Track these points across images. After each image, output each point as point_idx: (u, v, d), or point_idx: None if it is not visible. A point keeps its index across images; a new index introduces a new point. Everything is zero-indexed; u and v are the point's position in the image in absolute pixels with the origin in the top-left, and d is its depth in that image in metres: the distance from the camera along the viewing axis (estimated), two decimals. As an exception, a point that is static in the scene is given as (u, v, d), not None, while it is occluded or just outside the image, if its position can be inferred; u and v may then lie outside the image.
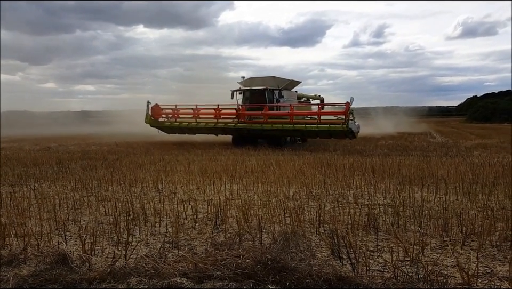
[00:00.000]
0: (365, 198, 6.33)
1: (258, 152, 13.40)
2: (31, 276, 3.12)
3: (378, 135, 23.68)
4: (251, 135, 17.09)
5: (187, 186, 7.46)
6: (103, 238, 4.46)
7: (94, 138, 20.10)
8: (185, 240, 4.43)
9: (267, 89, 17.55)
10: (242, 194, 6.60)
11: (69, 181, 8.28)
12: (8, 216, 5.35)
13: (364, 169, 8.67)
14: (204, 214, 5.43)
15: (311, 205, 5.79)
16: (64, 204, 6.04)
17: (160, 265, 3.44)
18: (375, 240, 4.32)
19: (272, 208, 5.38)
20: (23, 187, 7.67)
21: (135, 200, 6.25)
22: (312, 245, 4.10)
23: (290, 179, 7.47)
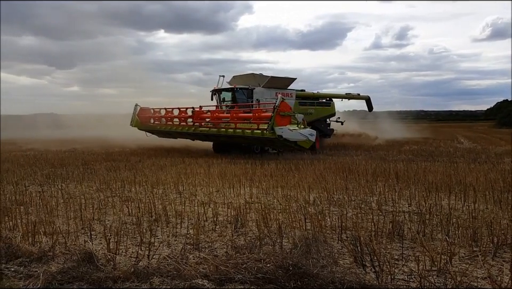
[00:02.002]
0: (388, 204, 6.19)
1: (277, 156, 13.37)
2: (59, 273, 3.20)
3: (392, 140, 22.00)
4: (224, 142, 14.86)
5: (207, 189, 7.52)
6: (127, 237, 4.54)
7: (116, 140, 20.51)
8: (205, 242, 4.45)
9: (235, 89, 15.52)
10: (261, 198, 6.58)
11: (94, 181, 8.49)
12: (38, 215, 5.53)
13: (388, 174, 8.50)
14: (223, 217, 5.45)
15: (333, 211, 5.72)
16: (90, 204, 6.19)
17: (182, 266, 3.46)
18: (400, 248, 4.21)
19: (292, 212, 5.34)
20: (51, 187, 7.91)
21: (157, 201, 6.34)
22: (334, 252, 4.04)
23: (311, 184, 7.40)
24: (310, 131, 12.67)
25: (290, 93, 16.79)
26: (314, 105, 17.75)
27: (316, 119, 17.58)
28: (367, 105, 20.68)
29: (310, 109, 17.48)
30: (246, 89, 15.48)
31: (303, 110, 16.71)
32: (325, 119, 18.37)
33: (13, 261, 3.71)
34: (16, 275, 3.40)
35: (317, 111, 17.71)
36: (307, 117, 16.58)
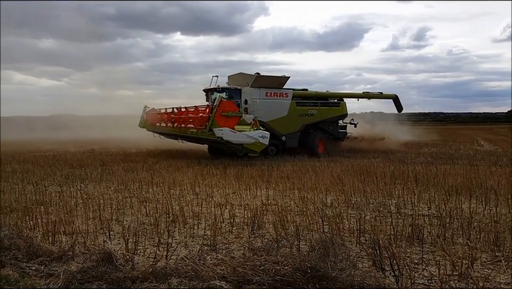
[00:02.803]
0: (407, 207, 6.08)
1: (293, 158, 13.30)
2: (79, 272, 3.25)
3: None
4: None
5: (223, 190, 7.53)
6: (145, 238, 4.58)
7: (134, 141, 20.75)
8: (222, 244, 4.45)
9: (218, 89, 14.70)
10: (278, 200, 6.55)
11: (112, 182, 8.62)
12: (57, 214, 5.64)
13: (406, 177, 8.35)
14: (240, 218, 5.44)
15: (351, 214, 5.64)
16: (108, 204, 6.27)
17: (199, 267, 3.47)
18: (420, 252, 4.12)
19: (309, 215, 5.30)
20: (70, 187, 8.06)
21: (174, 202, 6.39)
22: (353, 255, 3.98)
23: (328, 187, 7.33)
24: (262, 134, 11.75)
25: (285, 92, 15.46)
26: (317, 105, 16.01)
27: (320, 120, 16.03)
28: (396, 105, 18.23)
29: (312, 110, 15.81)
30: (227, 89, 14.55)
31: (302, 111, 15.60)
32: (334, 120, 16.60)
33: (34, 259, 3.78)
34: (37, 274, 3.47)
35: (321, 112, 16.01)
36: (308, 118, 15.62)
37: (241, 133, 11.50)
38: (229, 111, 11.60)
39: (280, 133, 15.01)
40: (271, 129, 14.67)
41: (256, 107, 14.44)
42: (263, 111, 14.56)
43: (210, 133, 11.31)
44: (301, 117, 15.53)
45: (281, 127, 15.03)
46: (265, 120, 14.63)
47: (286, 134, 15.16)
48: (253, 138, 11.54)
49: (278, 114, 15.02)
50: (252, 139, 11.54)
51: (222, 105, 11.50)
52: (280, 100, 15.24)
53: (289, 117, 15.21)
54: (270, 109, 14.82)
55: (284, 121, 15.08)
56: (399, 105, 18.12)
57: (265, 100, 14.78)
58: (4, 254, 3.84)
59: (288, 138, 15.20)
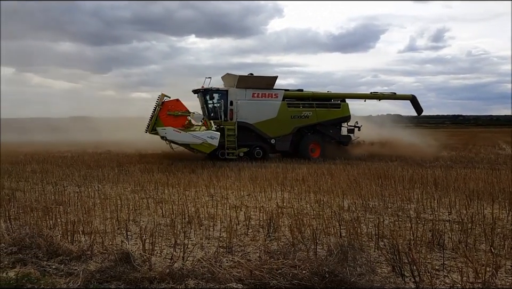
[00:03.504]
0: (427, 212, 5.95)
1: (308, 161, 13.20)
2: (97, 272, 3.28)
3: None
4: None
5: (238, 192, 7.52)
6: (161, 238, 4.59)
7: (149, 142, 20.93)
8: (238, 246, 4.43)
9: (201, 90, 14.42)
10: (294, 203, 6.50)
11: (129, 183, 8.71)
12: (76, 214, 5.72)
13: (425, 181, 8.18)
14: (255, 221, 5.41)
15: (368, 218, 5.55)
16: (125, 205, 6.33)
17: (216, 269, 3.45)
18: (441, 258, 4.02)
19: (326, 219, 5.23)
20: (88, 187, 8.18)
21: (190, 204, 6.40)
22: (371, 260, 3.90)
23: (345, 190, 7.23)
24: (211, 134, 11.24)
25: (274, 93, 14.56)
26: (313, 107, 14.81)
27: (316, 123, 14.84)
28: (414, 107, 16.34)
29: (306, 112, 14.70)
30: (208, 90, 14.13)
31: (294, 113, 14.64)
32: (334, 123, 15.23)
33: (54, 258, 3.84)
34: (57, 272, 3.51)
35: (317, 114, 14.75)
36: (302, 121, 14.66)
37: (187, 133, 11.21)
38: (175, 110, 11.35)
39: (269, 136, 14.33)
40: (258, 132, 14.23)
41: (239, 109, 14.02)
42: (248, 113, 14.09)
43: (154, 132, 11.14)
44: (293, 119, 14.59)
45: (270, 130, 14.32)
46: (251, 122, 14.17)
47: (276, 136, 14.41)
48: (200, 139, 11.14)
49: (266, 116, 14.32)
50: (199, 140, 11.15)
51: (167, 105, 11.27)
52: (269, 101, 14.44)
53: (279, 118, 14.42)
54: (256, 110, 14.21)
55: (272, 123, 14.33)
56: (418, 106, 16.32)
57: (251, 101, 14.21)
58: (25, 252, 3.91)
59: (278, 141, 14.48)
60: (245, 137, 14.19)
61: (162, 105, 11.16)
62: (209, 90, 14.13)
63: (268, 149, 14.41)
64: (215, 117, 14.03)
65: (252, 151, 14.13)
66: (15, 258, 3.71)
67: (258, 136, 14.35)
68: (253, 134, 14.30)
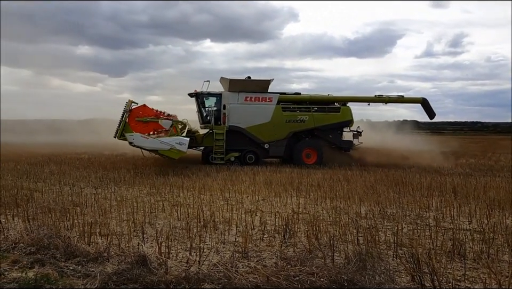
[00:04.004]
0: (446, 221, 5.80)
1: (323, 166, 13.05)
2: (114, 274, 3.28)
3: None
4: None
5: (253, 197, 7.48)
6: (177, 242, 4.59)
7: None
8: (254, 251, 4.39)
9: (193, 94, 14.29)
10: (309, 209, 6.43)
11: (144, 185, 8.77)
12: (93, 216, 5.77)
13: (444, 189, 8.00)
14: (271, 226, 5.36)
15: (386, 225, 5.44)
16: (141, 207, 6.37)
17: (232, 274, 3.42)
18: (462, 268, 3.90)
19: (343, 225, 5.15)
20: (104, 189, 8.26)
21: (205, 207, 6.40)
22: (390, 269, 3.81)
23: (361, 196, 7.13)
24: (179, 140, 10.96)
25: (268, 97, 14.19)
26: (309, 111, 14.26)
27: (313, 127, 14.26)
28: (426, 111, 15.11)
29: (302, 116, 14.14)
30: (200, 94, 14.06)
31: (289, 117, 14.12)
32: (334, 128, 14.50)
33: (71, 259, 3.87)
34: (74, 274, 3.53)
35: (314, 118, 14.16)
36: (297, 125, 14.13)
37: (155, 139, 11.17)
38: (143, 116, 11.36)
39: (262, 140, 14.04)
40: (250, 136, 13.98)
41: (231, 113, 13.86)
42: (240, 117, 13.88)
43: (122, 138, 11.15)
44: (288, 123, 14.11)
45: (263, 134, 14.00)
46: (243, 126, 13.94)
47: (269, 141, 14.07)
48: (169, 145, 10.91)
49: (259, 120, 13.99)
50: (167, 146, 10.93)
51: (135, 111, 11.31)
52: (262, 105, 14.06)
53: (272, 123, 14.03)
54: (249, 114, 13.95)
55: (266, 127, 13.98)
56: (429, 110, 15.15)
57: (243, 105, 13.97)
58: (43, 253, 3.96)
59: (272, 146, 14.11)
60: (237, 142, 14.00)
61: (131, 111, 11.26)
62: (201, 94, 14.07)
63: (260, 154, 14.11)
64: (209, 121, 14.01)
65: (244, 156, 13.92)
66: (33, 259, 3.75)
67: (251, 141, 14.10)
68: (246, 138, 14.08)
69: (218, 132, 13.76)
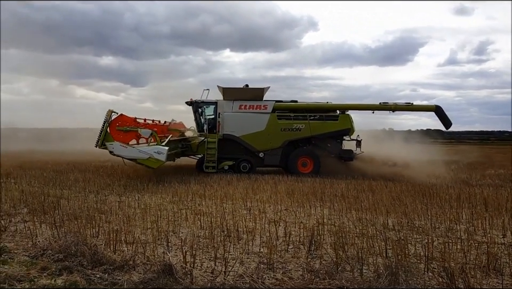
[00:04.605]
0: (478, 234, 5.56)
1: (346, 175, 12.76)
2: (141, 283, 3.27)
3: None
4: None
5: (275, 206, 7.40)
6: (201, 251, 4.56)
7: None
8: (279, 262, 4.30)
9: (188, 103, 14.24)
10: (334, 220, 6.29)
11: (167, 193, 8.83)
12: (118, 223, 5.82)
13: (475, 201, 7.70)
14: (295, 237, 5.26)
15: (416, 238, 5.26)
16: (164, 215, 6.38)
17: (258, 286, 3.36)
18: (498, 284, 3.71)
19: (370, 237, 5.01)
20: (128, 197, 8.35)
21: (227, 216, 6.36)
22: (422, 283, 3.66)
23: (388, 208, 6.93)
24: (158, 149, 10.91)
25: (263, 104, 13.94)
26: (306, 119, 13.86)
27: (310, 136, 13.86)
28: (440, 120, 14.01)
29: (298, 124, 13.79)
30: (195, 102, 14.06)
31: (284, 125, 13.79)
32: (332, 136, 14.00)
33: (97, 267, 3.89)
34: (101, 282, 3.54)
35: (311, 127, 13.74)
36: (293, 134, 13.78)
37: (133, 148, 11.13)
38: (124, 125, 11.38)
39: (256, 149, 13.78)
40: (245, 145, 13.78)
41: (225, 121, 13.75)
42: (235, 125, 13.73)
43: (103, 147, 11.23)
44: (284, 132, 13.77)
45: (258, 143, 13.76)
46: (237, 134, 13.75)
47: (264, 150, 13.80)
48: (147, 154, 10.91)
49: (254, 129, 13.77)
50: (145, 155, 10.92)
51: (116, 120, 11.36)
52: (256, 113, 13.81)
53: (267, 131, 13.75)
54: (243, 122, 13.77)
55: (261, 136, 13.73)
56: (444, 119, 13.89)
57: (237, 113, 13.82)
58: (71, 260, 3.99)
59: (267, 155, 13.84)
60: (232, 150, 13.88)
61: (111, 121, 11.43)
62: (196, 102, 14.08)
63: (255, 163, 13.90)
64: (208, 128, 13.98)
65: (238, 165, 13.77)
66: (61, 266, 3.79)
67: (245, 149, 13.91)
68: (240, 147, 13.91)
69: (210, 140, 13.72)
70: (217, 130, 13.89)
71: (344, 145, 14.34)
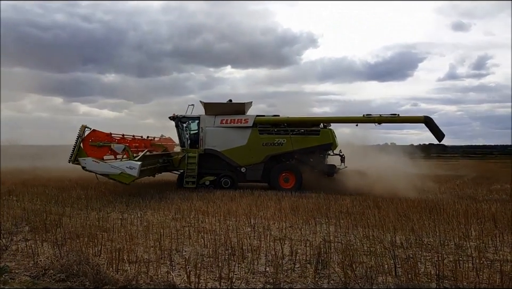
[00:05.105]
0: (489, 251, 5.42)
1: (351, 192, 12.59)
2: (145, 305, 3.16)
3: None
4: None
5: (280, 223, 7.28)
6: (206, 270, 4.44)
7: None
8: (285, 282, 4.19)
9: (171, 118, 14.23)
10: (341, 237, 6.17)
11: (170, 210, 8.72)
12: (120, 242, 5.72)
13: (483, 217, 7.56)
14: (302, 255, 5.14)
15: (425, 256, 5.13)
16: (167, 233, 6.28)
17: (265, 308, 3.24)
18: (515, 306, 3.57)
19: (378, 255, 4.89)
20: (131, 214, 8.25)
21: (231, 234, 6.25)
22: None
23: (395, 224, 6.81)
24: (130, 164, 10.83)
25: (244, 118, 13.84)
26: (287, 133, 13.62)
27: (292, 150, 13.55)
28: (432, 132, 13.10)
29: (280, 139, 13.55)
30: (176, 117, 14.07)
31: (266, 140, 13.58)
32: (314, 151, 13.69)
33: (100, 287, 3.78)
34: (104, 303, 3.43)
35: (292, 141, 13.48)
36: (275, 148, 13.53)
37: (106, 163, 11.09)
38: (97, 140, 11.39)
39: (238, 164, 13.67)
40: (227, 160, 13.69)
41: (206, 136, 13.71)
42: (216, 140, 13.70)
43: (76, 162, 11.18)
44: (265, 147, 13.57)
45: (239, 158, 13.64)
46: (219, 149, 13.68)
47: (246, 165, 13.66)
48: (119, 169, 10.84)
49: (235, 144, 13.68)
50: (117, 170, 10.87)
51: (89, 135, 11.38)
52: (238, 128, 13.74)
53: (249, 146, 13.61)
54: (224, 137, 13.72)
55: (242, 151, 13.62)
56: (436, 130, 12.99)
57: (218, 128, 13.78)
58: (73, 280, 3.90)
59: (249, 170, 13.68)
60: (213, 165, 13.78)
61: (84, 136, 11.45)
62: (177, 117, 14.12)
63: (236, 178, 13.68)
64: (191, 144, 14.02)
65: (219, 180, 13.64)
66: (63, 286, 3.69)
67: (227, 164, 13.81)
68: (222, 162, 13.82)
69: (191, 156, 13.67)
70: (199, 145, 13.85)
71: (328, 160, 14.09)
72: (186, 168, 13.66)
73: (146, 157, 12.30)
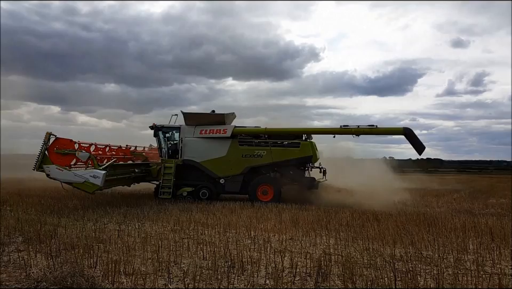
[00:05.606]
0: (487, 265, 5.41)
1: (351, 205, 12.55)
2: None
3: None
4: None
5: (280, 236, 7.24)
6: (204, 283, 4.40)
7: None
8: (285, 295, 4.15)
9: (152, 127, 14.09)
10: (341, 250, 6.14)
11: (168, 221, 8.65)
12: (117, 253, 5.66)
13: (480, 230, 7.56)
14: (302, 268, 5.11)
15: (424, 269, 5.10)
16: (165, 245, 6.22)
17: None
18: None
19: (378, 268, 4.86)
20: (128, 226, 8.17)
21: (231, 246, 6.21)
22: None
23: (394, 237, 6.79)
24: (93, 173, 10.64)
25: (223, 129, 13.55)
26: (268, 145, 13.33)
27: (272, 163, 13.28)
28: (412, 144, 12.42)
29: (259, 151, 13.29)
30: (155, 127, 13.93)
31: (245, 151, 13.36)
32: (293, 163, 13.36)
33: (96, 300, 3.72)
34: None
35: (272, 153, 13.20)
36: (254, 160, 13.29)
37: (69, 171, 10.92)
38: (62, 148, 11.33)
39: (217, 175, 13.48)
40: (205, 171, 13.54)
41: (185, 146, 13.60)
42: (195, 150, 13.57)
43: (41, 170, 11.12)
44: (245, 158, 13.34)
45: (218, 169, 13.45)
46: (198, 160, 13.55)
47: (225, 176, 13.46)
48: (82, 178, 10.70)
49: (215, 154, 13.49)
50: (81, 179, 10.72)
51: (54, 143, 11.30)
52: (217, 139, 13.52)
53: (228, 157, 13.43)
54: (203, 148, 13.55)
55: (221, 162, 13.44)
56: (415, 143, 12.32)
57: (197, 139, 13.62)
58: (69, 293, 3.83)
59: (228, 182, 13.50)
60: (192, 176, 13.67)
61: (49, 144, 11.35)
62: (157, 127, 14.00)
63: (215, 189, 13.54)
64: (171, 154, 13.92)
65: (198, 191, 13.52)
66: (59, 298, 3.62)
67: (206, 176, 13.68)
68: (202, 173, 13.68)
69: (167, 166, 13.56)
70: (178, 155, 13.74)
71: (309, 173, 13.85)
72: (162, 178, 13.51)
73: (115, 166, 12.15)
